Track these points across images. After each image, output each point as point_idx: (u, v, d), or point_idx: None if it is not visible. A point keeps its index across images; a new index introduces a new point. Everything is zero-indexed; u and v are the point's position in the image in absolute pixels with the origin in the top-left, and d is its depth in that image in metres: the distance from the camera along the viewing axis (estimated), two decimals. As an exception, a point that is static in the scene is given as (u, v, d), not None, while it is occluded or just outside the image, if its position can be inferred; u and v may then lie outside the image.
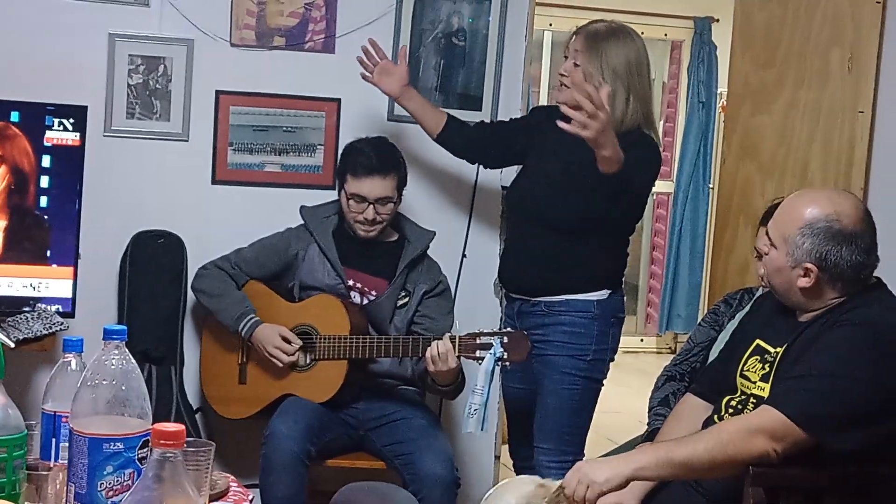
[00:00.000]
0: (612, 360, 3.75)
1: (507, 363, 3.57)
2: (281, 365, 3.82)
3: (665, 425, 3.16)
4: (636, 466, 2.63)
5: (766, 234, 2.84)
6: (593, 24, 3.65)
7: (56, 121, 3.80)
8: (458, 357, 3.58)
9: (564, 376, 3.64)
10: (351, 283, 3.92)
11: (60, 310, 3.80)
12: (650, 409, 3.63)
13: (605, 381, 3.74)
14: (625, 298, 3.80)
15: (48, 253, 3.84)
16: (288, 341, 3.81)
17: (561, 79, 3.66)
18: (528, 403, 3.77)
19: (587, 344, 3.64)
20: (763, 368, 2.83)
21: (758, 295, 3.44)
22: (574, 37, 3.64)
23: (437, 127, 4.00)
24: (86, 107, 3.88)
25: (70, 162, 3.83)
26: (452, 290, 4.19)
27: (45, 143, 3.80)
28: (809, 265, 2.72)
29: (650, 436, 3.32)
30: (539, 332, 3.65)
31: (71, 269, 3.86)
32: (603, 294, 3.67)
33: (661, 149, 3.72)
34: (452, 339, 3.58)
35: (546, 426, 3.67)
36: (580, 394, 3.66)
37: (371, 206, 3.85)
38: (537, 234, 3.69)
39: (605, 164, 3.29)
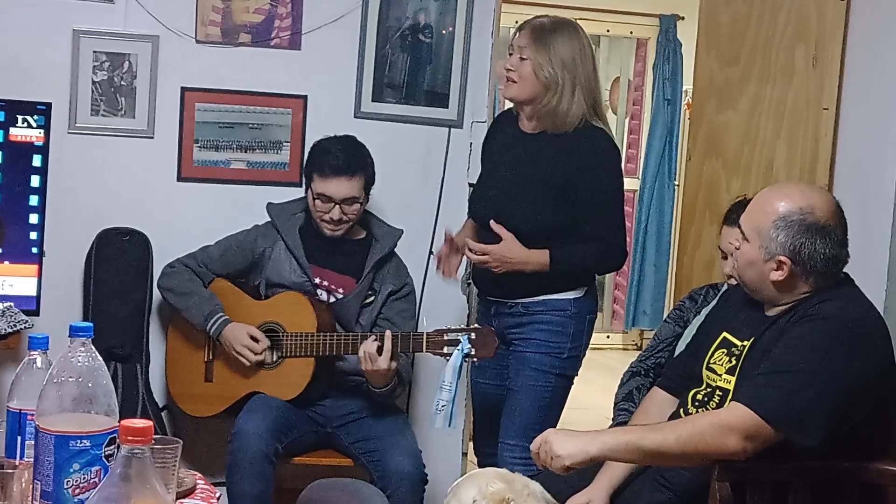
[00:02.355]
0: (584, 355, 3.75)
1: (475, 359, 3.58)
2: (248, 364, 3.81)
3: (633, 419, 3.17)
4: (603, 447, 2.63)
5: (739, 227, 2.84)
6: (537, 19, 3.65)
7: (20, 118, 3.77)
8: (390, 360, 3.59)
9: (539, 373, 3.64)
10: (318, 280, 3.91)
11: (13, 306, 3.74)
12: (615, 405, 3.64)
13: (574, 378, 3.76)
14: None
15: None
16: (256, 340, 3.80)
17: (508, 73, 3.62)
18: (497, 400, 3.77)
19: (564, 342, 3.64)
20: (729, 361, 2.84)
21: (724, 290, 3.45)
22: (518, 32, 3.63)
23: None
24: (50, 103, 3.85)
25: (25, 158, 3.79)
26: (420, 288, 4.19)
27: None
28: (783, 258, 2.72)
29: (615, 431, 3.33)
30: (516, 330, 3.66)
31: (35, 266, 3.83)
32: (579, 292, 3.66)
33: (612, 137, 3.73)
34: (395, 337, 3.58)
35: (515, 422, 3.66)
36: (552, 391, 3.66)
37: (337, 206, 3.84)
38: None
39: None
